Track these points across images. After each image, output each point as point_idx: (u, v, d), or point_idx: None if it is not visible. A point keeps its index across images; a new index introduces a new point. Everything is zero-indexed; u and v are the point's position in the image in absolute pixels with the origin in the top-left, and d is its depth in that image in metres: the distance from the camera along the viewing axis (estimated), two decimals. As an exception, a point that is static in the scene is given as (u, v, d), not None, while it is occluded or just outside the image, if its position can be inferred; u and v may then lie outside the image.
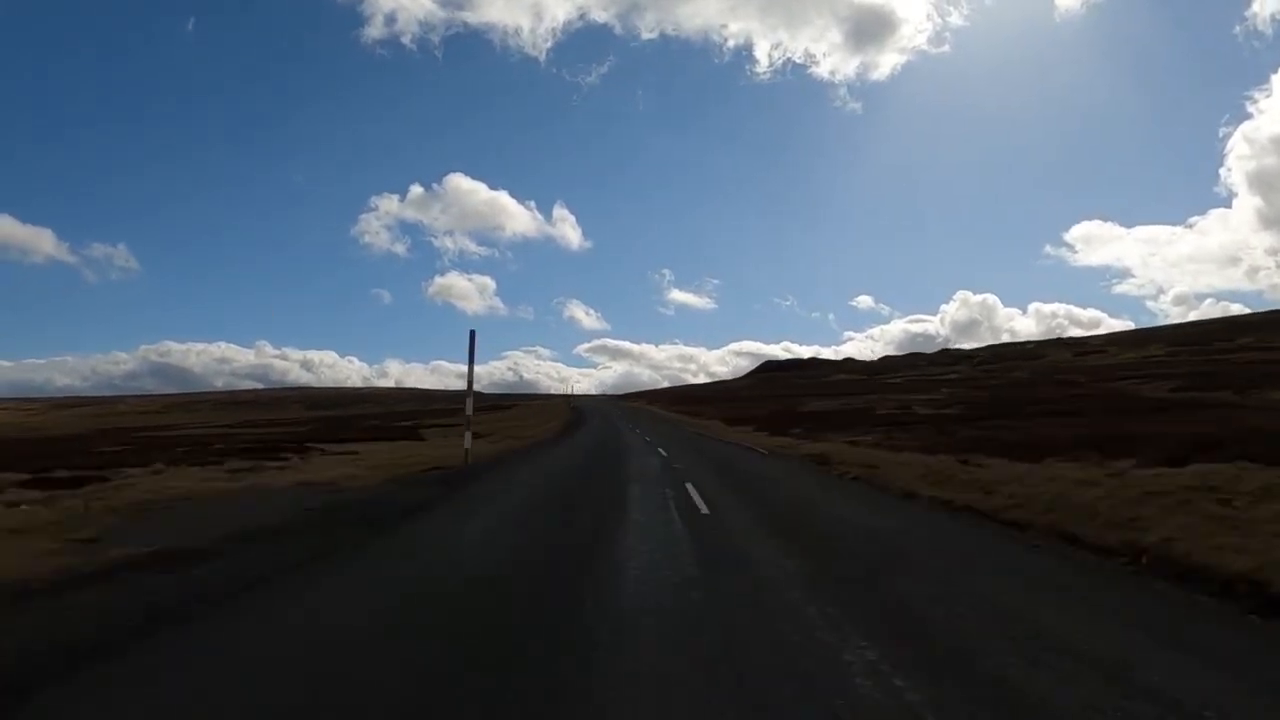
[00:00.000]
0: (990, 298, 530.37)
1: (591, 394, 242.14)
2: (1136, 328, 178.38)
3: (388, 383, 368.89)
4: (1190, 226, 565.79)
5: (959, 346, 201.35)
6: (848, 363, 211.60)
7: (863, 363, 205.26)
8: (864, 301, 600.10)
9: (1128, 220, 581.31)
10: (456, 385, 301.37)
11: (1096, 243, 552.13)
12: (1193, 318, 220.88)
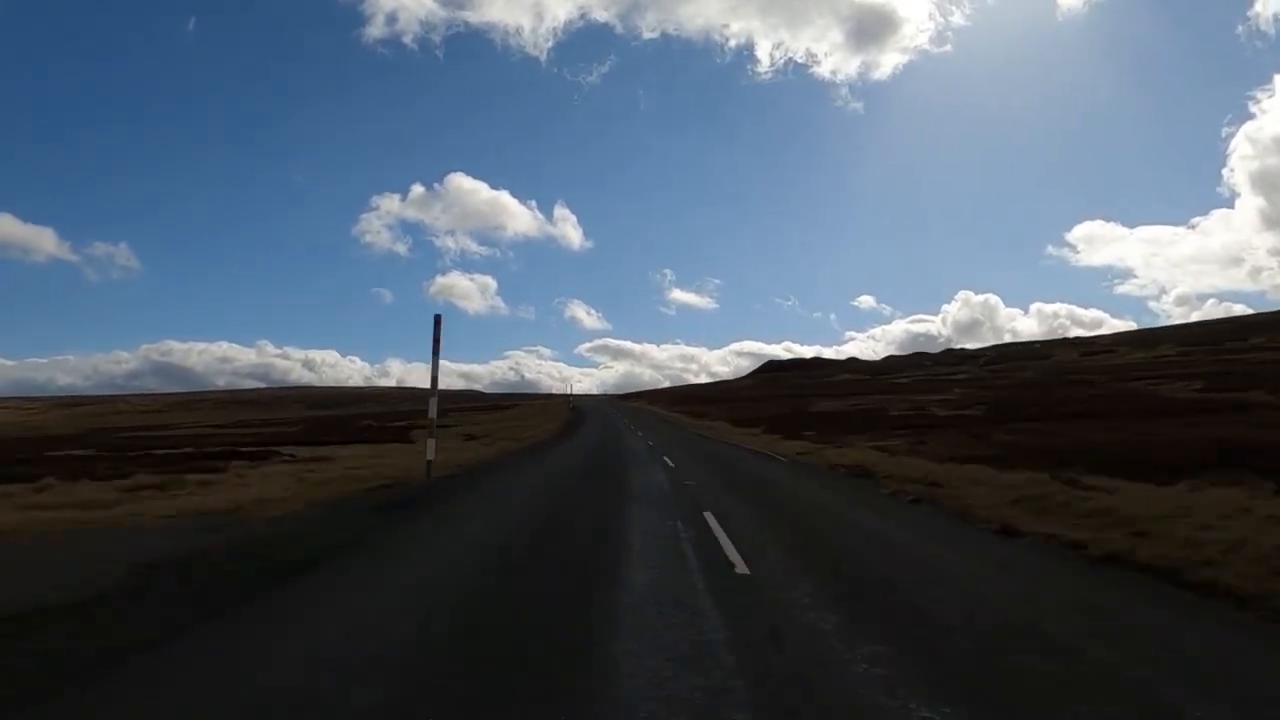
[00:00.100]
0: (992, 298, 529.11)
1: (593, 394, 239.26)
2: (1139, 328, 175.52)
3: (389, 382, 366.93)
4: (1193, 227, 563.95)
5: (962, 346, 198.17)
6: (852, 362, 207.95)
7: (867, 362, 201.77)
8: (865, 301, 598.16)
9: (1130, 220, 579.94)
10: (458, 385, 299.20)
11: (1098, 243, 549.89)
12: (1195, 318, 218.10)
